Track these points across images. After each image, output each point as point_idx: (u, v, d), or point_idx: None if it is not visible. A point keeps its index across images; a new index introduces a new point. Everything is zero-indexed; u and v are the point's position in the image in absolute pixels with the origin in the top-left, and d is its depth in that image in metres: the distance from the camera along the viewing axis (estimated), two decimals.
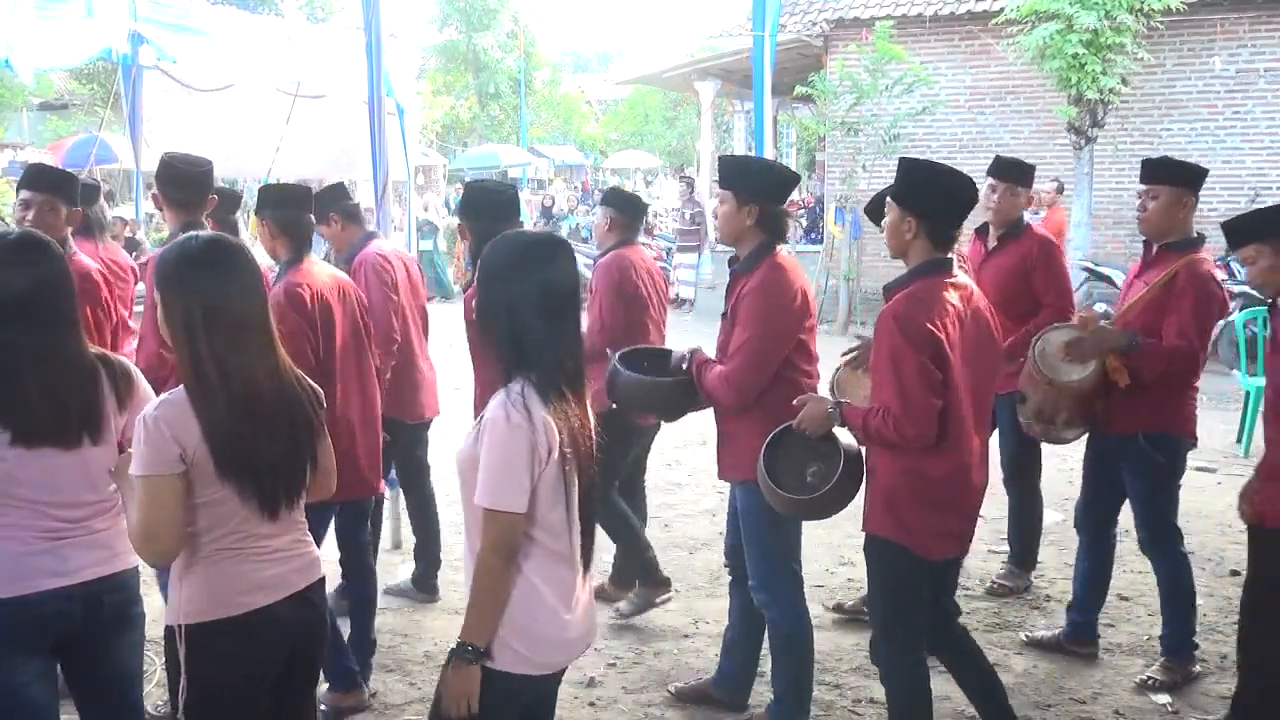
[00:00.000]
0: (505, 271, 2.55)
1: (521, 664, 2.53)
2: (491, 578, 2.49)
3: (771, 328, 3.73)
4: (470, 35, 38.66)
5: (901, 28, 15.34)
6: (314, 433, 2.68)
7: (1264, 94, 14.03)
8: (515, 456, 2.44)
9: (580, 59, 54.98)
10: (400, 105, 10.36)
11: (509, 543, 2.48)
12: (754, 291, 3.76)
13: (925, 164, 3.51)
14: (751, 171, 3.94)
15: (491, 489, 2.45)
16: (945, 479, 3.39)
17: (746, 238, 3.84)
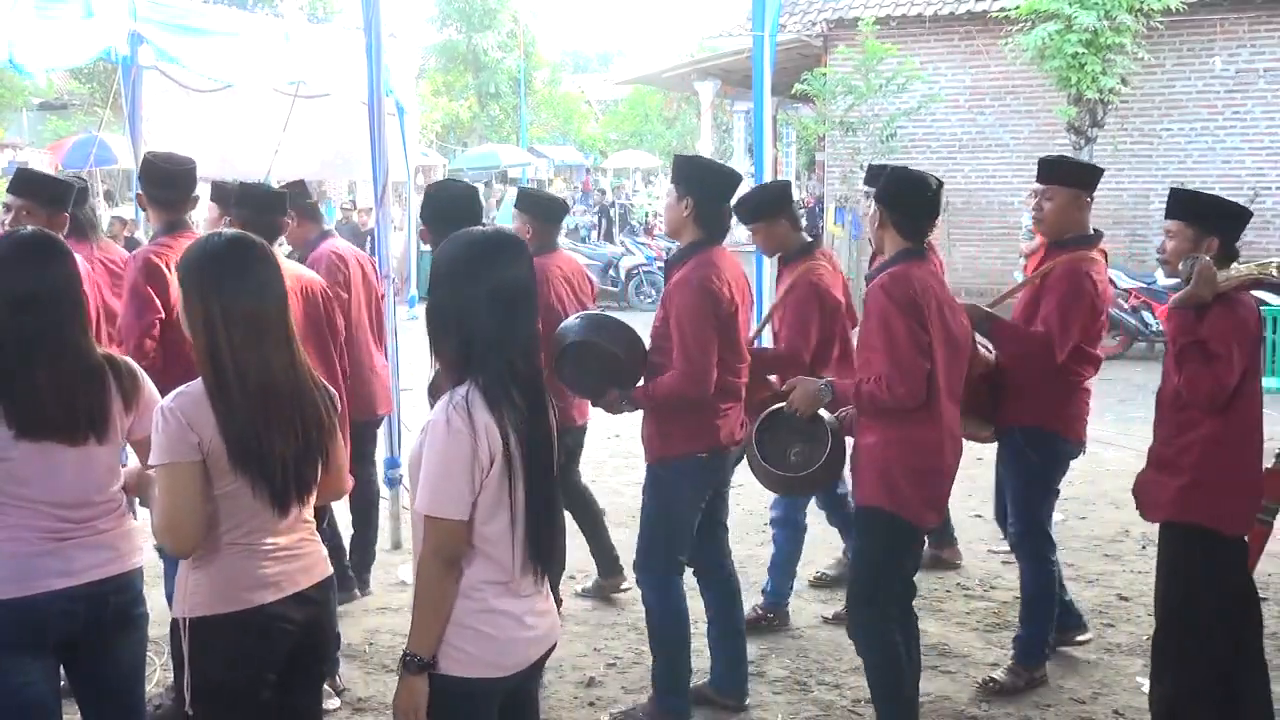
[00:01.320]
0: (453, 271, 2.49)
1: (478, 667, 2.48)
2: (431, 586, 2.45)
3: (696, 320, 3.81)
4: (470, 35, 38.64)
5: (901, 27, 15.35)
6: (325, 431, 2.68)
7: (1263, 94, 14.03)
8: (455, 462, 2.39)
9: (580, 59, 54.98)
10: (400, 105, 10.34)
11: (448, 550, 2.43)
12: (678, 285, 3.87)
13: (900, 168, 3.87)
14: (693, 167, 4.07)
15: (430, 495, 2.41)
16: (934, 445, 3.65)
17: (684, 232, 3.98)
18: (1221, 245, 3.70)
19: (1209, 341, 3.56)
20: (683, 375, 3.82)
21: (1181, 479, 3.66)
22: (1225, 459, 3.63)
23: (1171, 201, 3.85)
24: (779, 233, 4.86)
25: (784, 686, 4.52)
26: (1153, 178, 14.54)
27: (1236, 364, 3.54)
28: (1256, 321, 3.66)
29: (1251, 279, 3.73)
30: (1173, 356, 3.68)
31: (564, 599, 5.27)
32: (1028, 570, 4.51)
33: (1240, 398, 3.60)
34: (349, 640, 4.84)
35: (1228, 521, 3.66)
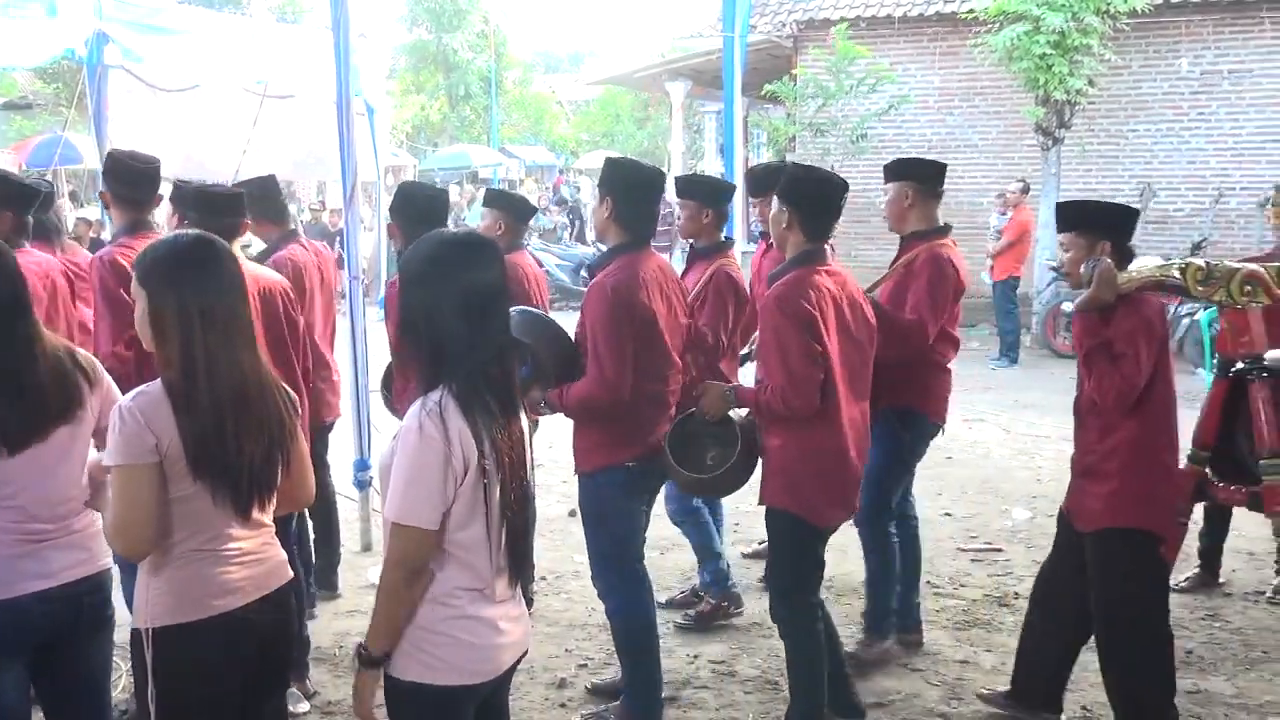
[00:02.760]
0: (425, 273, 2.45)
1: (455, 675, 2.47)
2: (392, 594, 2.43)
3: (609, 328, 3.79)
4: (440, 35, 38.49)
5: (871, 29, 15.41)
6: (288, 434, 2.65)
7: (1228, 95, 14.17)
8: (426, 470, 2.36)
9: (551, 59, 54.80)
10: (370, 105, 10.29)
11: (413, 560, 2.40)
12: (592, 291, 3.87)
13: (805, 166, 3.98)
14: (613, 168, 4.08)
15: (399, 503, 2.38)
16: (835, 447, 3.75)
17: (609, 233, 4.00)
18: (1115, 247, 3.76)
19: (1115, 342, 3.63)
20: (594, 382, 3.80)
21: (1110, 485, 3.72)
22: (1147, 459, 3.71)
23: (1059, 216, 3.94)
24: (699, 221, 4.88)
25: (755, 686, 4.53)
26: (1119, 178, 14.66)
27: (1144, 363, 3.60)
28: (1162, 320, 3.73)
29: (1153, 280, 3.83)
30: (1081, 361, 3.75)
31: (534, 600, 5.28)
32: (869, 545, 4.67)
33: (1152, 397, 3.66)
34: (318, 643, 4.81)
35: (1157, 520, 3.77)
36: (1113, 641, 3.88)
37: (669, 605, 5.22)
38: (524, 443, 2.55)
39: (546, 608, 5.30)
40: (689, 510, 5.12)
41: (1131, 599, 3.81)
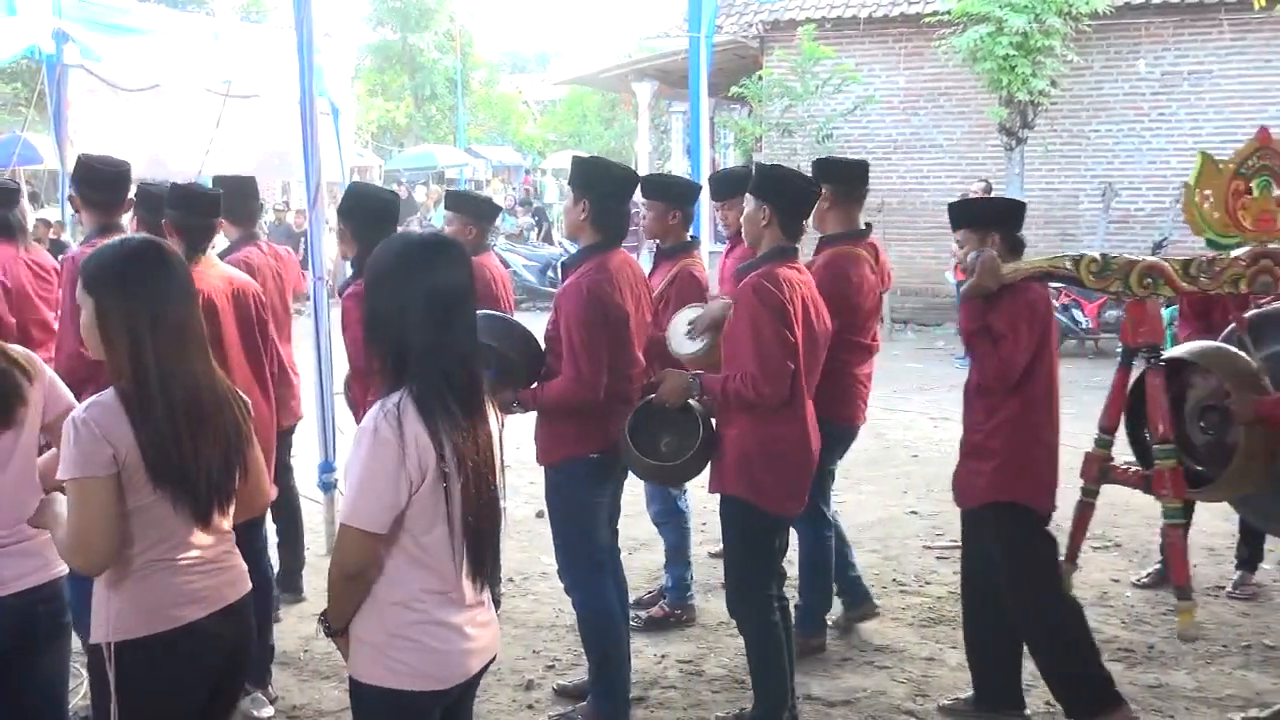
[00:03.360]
0: (388, 275, 2.43)
1: (420, 680, 2.46)
2: (338, 597, 2.45)
3: (585, 327, 3.81)
4: (406, 35, 38.33)
5: (836, 29, 15.48)
6: (245, 440, 2.62)
7: (1187, 96, 14.34)
8: (378, 473, 2.34)
9: (518, 59, 54.68)
10: (334, 105, 10.26)
11: (353, 563, 2.39)
12: (569, 290, 3.87)
13: (782, 168, 4.01)
14: (589, 169, 4.09)
15: (350, 504, 2.37)
16: (795, 439, 3.81)
17: (581, 234, 4.00)
18: (1003, 239, 4.03)
19: (995, 325, 3.89)
20: (571, 382, 3.82)
21: (993, 461, 3.95)
22: (1028, 438, 3.93)
23: (951, 215, 4.19)
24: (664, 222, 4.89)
25: (723, 685, 4.54)
26: (1081, 178, 14.81)
27: (1023, 345, 3.86)
28: (1045, 306, 3.97)
29: (1041, 270, 4.02)
30: (964, 344, 3.99)
31: (501, 601, 5.27)
32: (804, 542, 4.76)
33: (1033, 379, 3.91)
34: (283, 648, 4.78)
35: (1036, 496, 3.97)
36: (1018, 621, 4.05)
37: (636, 605, 5.22)
38: (491, 446, 2.52)
39: (514, 609, 5.28)
40: (672, 512, 5.13)
41: (1022, 576, 4.00)
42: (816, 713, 4.31)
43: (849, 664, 4.72)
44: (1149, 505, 6.25)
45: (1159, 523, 5.77)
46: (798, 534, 4.76)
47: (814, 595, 4.86)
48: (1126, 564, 5.91)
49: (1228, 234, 4.33)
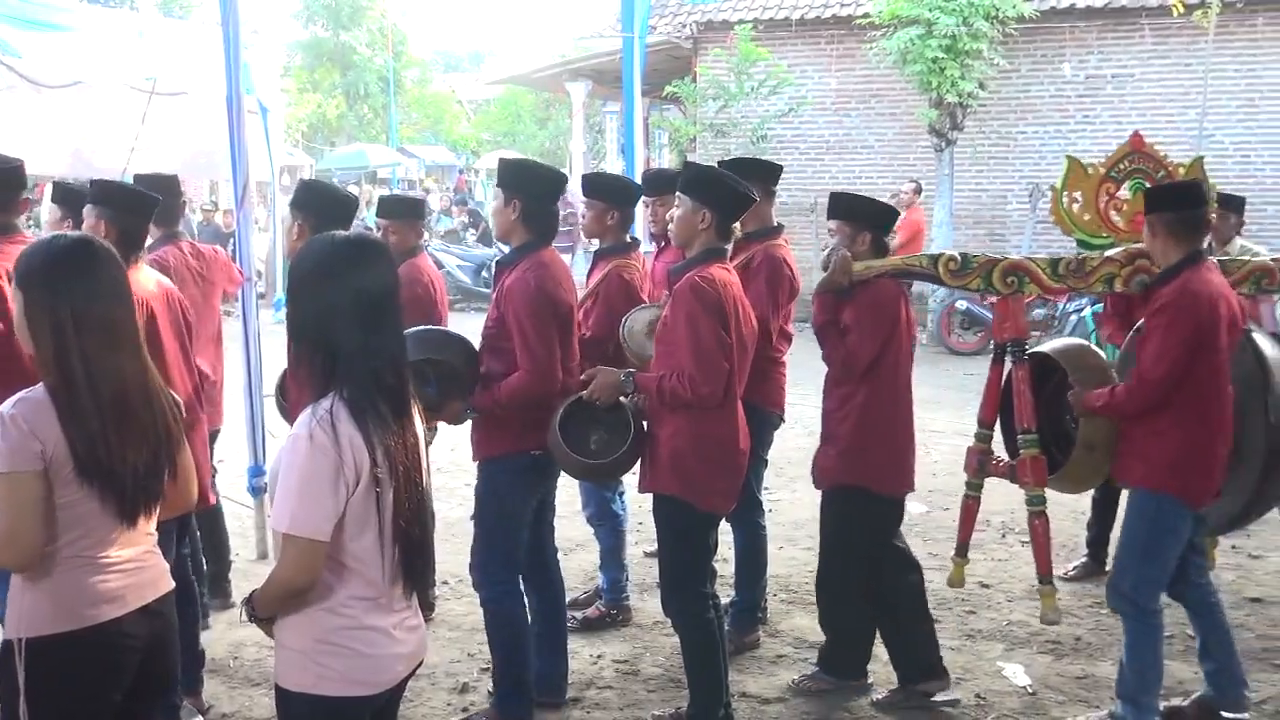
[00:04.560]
0: (314, 277, 2.41)
1: (349, 685, 2.43)
2: (280, 601, 2.41)
3: (537, 320, 3.84)
4: (337, 32, 37.91)
5: (769, 31, 15.58)
6: (174, 441, 2.60)
7: (1111, 99, 14.65)
8: (317, 478, 2.31)
9: (451, 58, 54.30)
10: (263, 104, 10.09)
11: (307, 572, 2.34)
12: (516, 287, 3.87)
13: (719, 169, 4.04)
14: (518, 170, 4.12)
15: (291, 512, 2.32)
16: (728, 437, 3.85)
17: (513, 234, 4.00)
18: (873, 240, 4.23)
19: (846, 319, 4.13)
20: (529, 375, 3.83)
21: (840, 446, 4.20)
22: (877, 425, 4.16)
23: (830, 204, 4.38)
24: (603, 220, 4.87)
25: (659, 684, 4.55)
26: (1009, 179, 15.07)
27: (871, 338, 4.10)
28: (895, 303, 4.17)
29: (897, 268, 4.25)
30: (815, 336, 4.22)
31: (435, 605, 5.23)
32: (739, 538, 4.86)
33: (881, 370, 4.13)
34: (213, 655, 4.70)
35: (882, 481, 4.21)
36: (828, 577, 4.38)
37: (571, 606, 5.21)
38: (419, 449, 2.52)
39: (448, 612, 5.25)
40: (608, 514, 5.13)
41: (850, 546, 4.29)
42: (752, 710, 4.34)
43: (784, 660, 4.76)
44: (1076, 500, 6.40)
45: (1084, 516, 5.92)
46: (732, 530, 4.80)
47: (748, 592, 4.90)
48: (1054, 557, 6.00)
49: (1098, 235, 4.50)
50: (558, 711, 4.29)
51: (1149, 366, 3.85)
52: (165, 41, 10.46)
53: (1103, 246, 4.46)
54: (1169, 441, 3.87)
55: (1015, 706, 4.36)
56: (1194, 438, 3.86)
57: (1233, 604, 5.32)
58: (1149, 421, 3.91)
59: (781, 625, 5.12)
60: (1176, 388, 3.83)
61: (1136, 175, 4.50)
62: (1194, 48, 13.57)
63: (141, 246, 4.14)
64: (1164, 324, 3.82)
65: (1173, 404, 3.85)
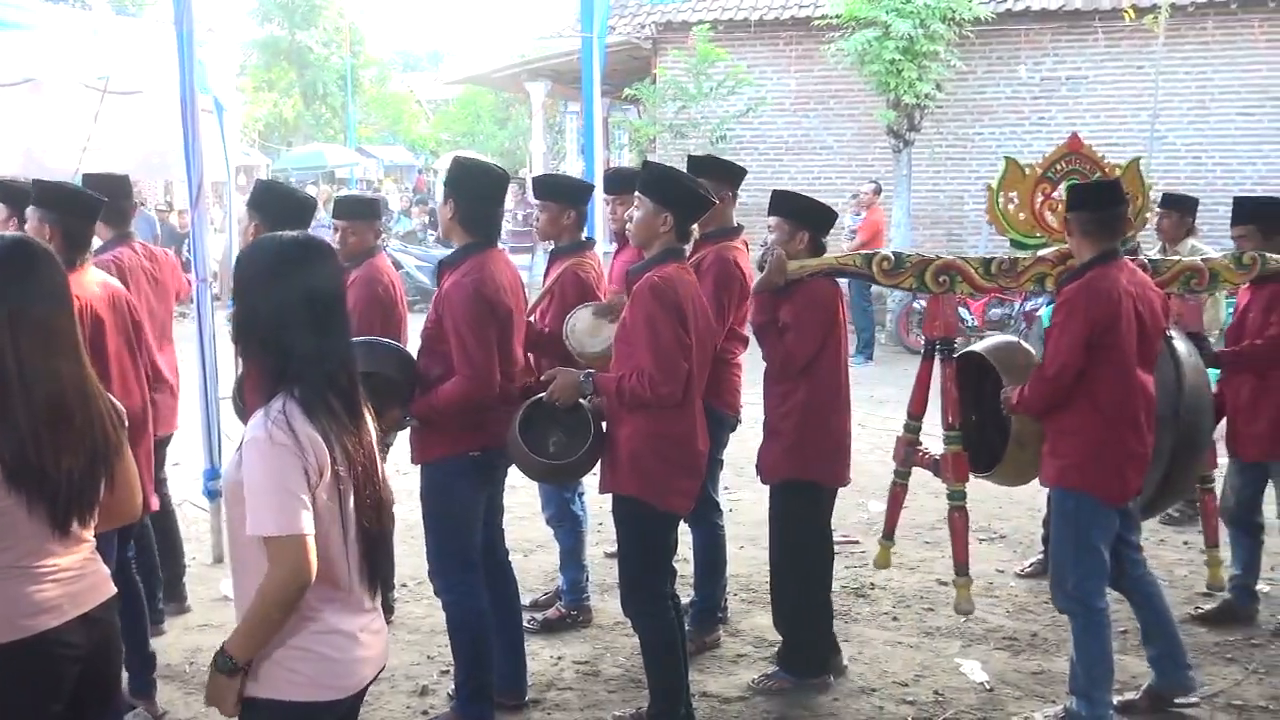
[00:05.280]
0: (263, 278, 2.39)
1: (316, 690, 2.41)
2: (280, 608, 2.32)
3: (475, 325, 3.81)
4: (293, 31, 37.60)
5: (728, 32, 15.61)
6: (113, 448, 2.54)
7: (1065, 100, 14.81)
8: (286, 477, 2.28)
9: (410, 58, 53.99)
10: (219, 102, 9.98)
11: (305, 571, 2.29)
12: (455, 290, 3.84)
13: (681, 172, 4.06)
14: (459, 170, 4.07)
15: (271, 514, 2.28)
16: (687, 437, 3.87)
17: (453, 234, 3.99)
18: (811, 239, 4.32)
19: (783, 318, 4.21)
20: (467, 380, 3.80)
21: (786, 441, 4.28)
22: (818, 420, 4.25)
23: (772, 200, 4.40)
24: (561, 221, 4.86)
25: (619, 685, 4.55)
26: (966, 180, 15.19)
27: (810, 337, 4.19)
28: (833, 299, 4.28)
29: (832, 267, 4.35)
30: (755, 335, 4.30)
31: (395, 607, 5.20)
32: (698, 538, 4.89)
33: (822, 365, 4.23)
34: (168, 660, 4.66)
35: (825, 473, 4.33)
36: (783, 574, 4.45)
37: (532, 607, 5.21)
38: (374, 448, 2.50)
39: (408, 614, 5.22)
40: (568, 515, 5.12)
41: (802, 540, 4.38)
42: (712, 709, 4.35)
43: (744, 660, 4.77)
44: (1031, 497, 6.47)
45: (1041, 514, 5.98)
46: (691, 531, 4.80)
47: (708, 592, 4.91)
48: (1011, 555, 6.09)
49: (1032, 235, 4.58)
50: (518, 713, 4.28)
51: (1046, 364, 3.95)
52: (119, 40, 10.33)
53: (1037, 246, 4.53)
54: (1075, 440, 3.95)
55: (973, 703, 4.40)
56: (1099, 435, 3.92)
57: (1185, 599, 5.41)
58: (1057, 420, 4.01)
59: (742, 624, 5.13)
60: (1078, 385, 3.90)
61: (1073, 176, 4.57)
62: (1146, 50, 13.75)
63: (87, 248, 4.09)
64: (1061, 321, 3.91)
65: (1075, 402, 3.93)
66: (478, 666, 4.04)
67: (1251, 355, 4.89)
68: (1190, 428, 4.33)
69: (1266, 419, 4.84)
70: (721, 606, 5.04)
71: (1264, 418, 4.85)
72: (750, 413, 4.99)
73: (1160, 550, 5.89)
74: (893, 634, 5.05)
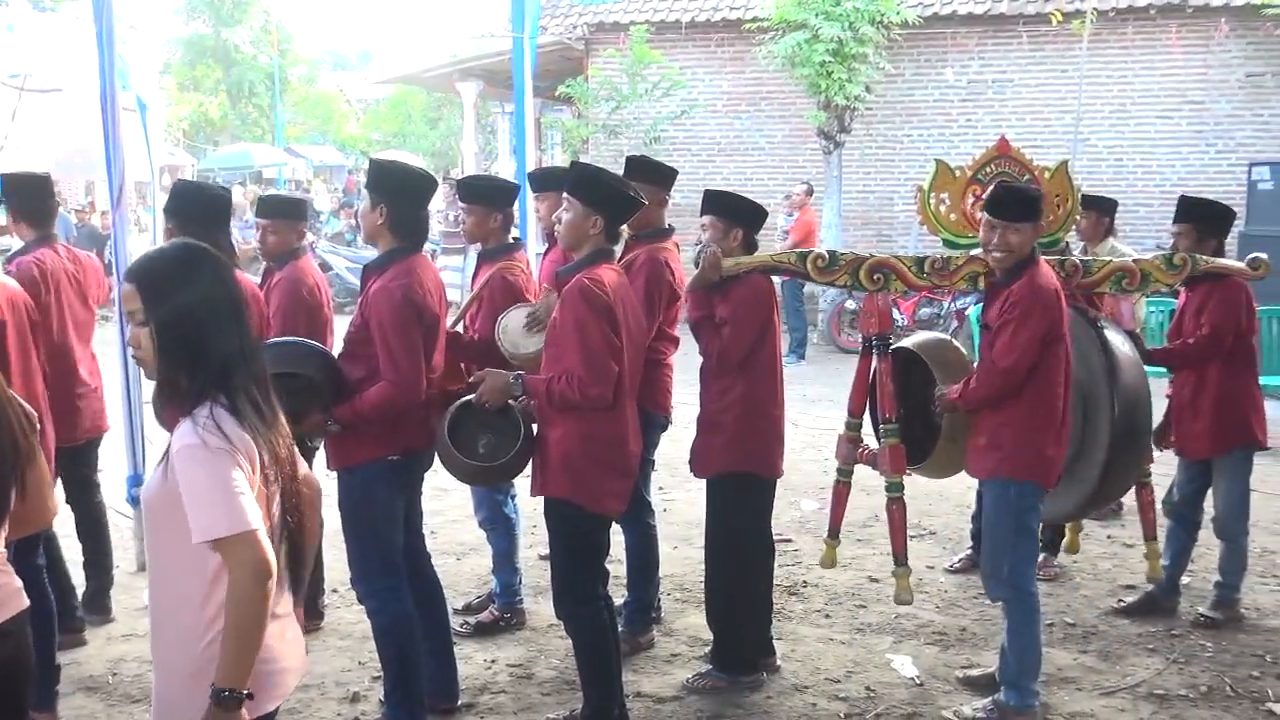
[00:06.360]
0: (171, 286, 2.34)
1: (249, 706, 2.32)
2: (254, 610, 2.25)
3: (402, 329, 3.76)
4: (219, 29, 37.01)
5: (660, 33, 15.65)
6: (23, 456, 2.48)
7: (992, 103, 15.05)
8: (226, 476, 2.24)
9: (339, 57, 53.40)
10: (142, 101, 9.81)
11: (265, 564, 2.25)
12: (381, 295, 3.79)
13: (609, 173, 4.02)
14: (385, 173, 4.02)
15: (221, 515, 2.23)
16: (615, 439, 3.86)
17: (380, 238, 3.93)
18: (744, 237, 4.38)
19: (720, 314, 4.27)
20: (393, 385, 3.74)
21: (725, 435, 4.31)
22: (756, 413, 4.30)
23: (705, 200, 4.47)
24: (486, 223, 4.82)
25: (553, 687, 4.53)
26: (896, 181, 15.38)
27: (747, 331, 4.24)
28: (769, 295, 4.35)
29: (767, 264, 4.42)
30: (691, 330, 4.35)
31: (324, 613, 5.13)
32: (630, 539, 4.89)
33: (758, 361, 4.29)
34: (90, 671, 4.56)
35: (765, 465, 4.38)
36: (719, 571, 4.45)
37: (465, 610, 5.17)
38: (294, 451, 2.48)
39: (338, 620, 5.15)
40: (500, 517, 5.08)
41: (741, 533, 4.42)
42: (647, 709, 4.35)
43: (678, 659, 4.78)
44: (961, 494, 6.57)
45: (970, 510, 6.07)
46: (623, 531, 4.80)
47: (641, 592, 4.91)
48: (940, 551, 6.16)
49: (964, 234, 4.67)
50: (451, 717, 4.24)
51: (1000, 356, 4.02)
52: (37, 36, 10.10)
53: (968, 246, 4.60)
54: (1020, 430, 4.06)
55: (904, 697, 4.45)
56: (1041, 424, 4.06)
57: (1109, 591, 5.52)
58: (1000, 413, 4.09)
59: (676, 624, 5.14)
60: (1028, 378, 4.01)
61: (1002, 178, 4.65)
62: (1069, 55, 14.03)
63: None
64: (1018, 318, 3.99)
65: (1023, 394, 4.04)
66: (407, 672, 4.00)
67: (1182, 355, 5.03)
68: (1128, 419, 4.42)
69: (1205, 418, 4.97)
70: (655, 606, 5.05)
71: (1203, 416, 4.97)
72: (681, 413, 5.01)
73: (1085, 544, 5.99)
74: (825, 631, 5.09)
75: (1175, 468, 5.32)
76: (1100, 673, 4.65)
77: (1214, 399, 4.95)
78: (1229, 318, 4.90)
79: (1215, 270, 4.91)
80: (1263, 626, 5.11)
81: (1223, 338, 4.89)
